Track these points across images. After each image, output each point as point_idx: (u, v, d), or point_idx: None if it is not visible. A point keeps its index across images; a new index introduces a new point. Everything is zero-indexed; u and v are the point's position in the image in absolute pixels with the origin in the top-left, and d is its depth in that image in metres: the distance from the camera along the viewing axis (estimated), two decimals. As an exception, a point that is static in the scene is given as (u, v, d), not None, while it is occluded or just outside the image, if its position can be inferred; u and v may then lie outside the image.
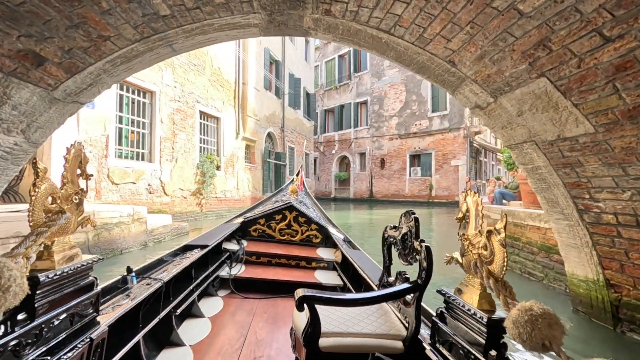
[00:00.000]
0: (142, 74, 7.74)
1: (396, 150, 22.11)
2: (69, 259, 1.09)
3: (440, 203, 19.42)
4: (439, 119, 20.20)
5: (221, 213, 10.97)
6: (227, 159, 11.38)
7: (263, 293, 2.62)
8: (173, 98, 8.81)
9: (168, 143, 8.62)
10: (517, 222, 4.12)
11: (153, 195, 8.05)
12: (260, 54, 13.73)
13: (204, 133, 10.45)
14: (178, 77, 8.99)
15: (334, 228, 3.55)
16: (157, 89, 8.21)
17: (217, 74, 10.78)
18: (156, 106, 8.20)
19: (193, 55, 9.64)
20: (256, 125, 13.48)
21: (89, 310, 1.17)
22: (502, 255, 0.97)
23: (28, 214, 0.96)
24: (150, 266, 1.99)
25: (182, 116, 9.16)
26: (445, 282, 3.47)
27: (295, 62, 18.19)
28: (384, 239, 1.62)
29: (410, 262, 1.38)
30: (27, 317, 0.91)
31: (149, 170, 7.95)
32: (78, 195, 1.14)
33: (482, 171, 22.71)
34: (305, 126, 19.91)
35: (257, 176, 13.60)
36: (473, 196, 1.18)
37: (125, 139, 7.57)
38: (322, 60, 27.43)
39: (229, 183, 11.41)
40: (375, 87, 23.50)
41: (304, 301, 1.14)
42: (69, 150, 1.12)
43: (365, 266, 2.27)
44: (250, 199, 12.89)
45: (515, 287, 1.00)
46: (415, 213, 1.40)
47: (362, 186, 23.96)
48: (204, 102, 10.11)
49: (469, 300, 1.08)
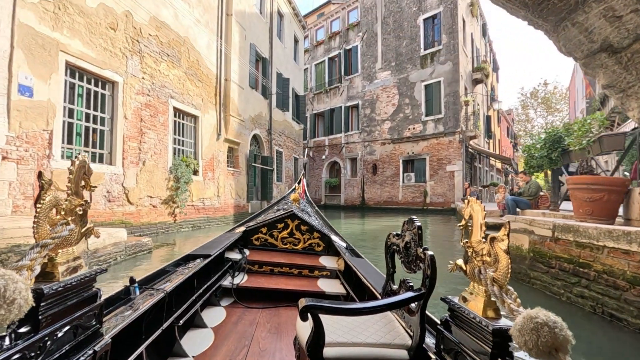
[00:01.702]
0: (100, 60, 6.56)
1: (389, 156, 21.28)
2: (72, 270, 1.08)
3: (436, 210, 18.58)
4: (433, 123, 19.45)
5: (199, 224, 9.72)
6: (207, 162, 10.17)
7: (266, 302, 2.61)
8: (141, 91, 7.61)
9: (134, 143, 7.39)
10: (584, 242, 3.05)
11: (113, 203, 6.80)
12: (245, 49, 12.63)
13: (179, 133, 9.23)
14: (147, 67, 7.81)
15: (337, 236, 3.44)
16: (120, 79, 7.01)
17: (194, 67, 9.62)
18: (119, 99, 6.99)
19: (166, 44, 8.47)
20: (240, 126, 12.32)
21: (92, 322, 1.14)
22: (506, 263, 0.95)
23: (33, 226, 0.97)
24: (153, 276, 1.93)
25: (152, 112, 7.96)
26: (441, 289, 3.03)
27: (283, 62, 17.16)
28: (387, 247, 1.58)
29: (414, 270, 1.35)
30: (30, 330, 0.90)
31: (109, 174, 6.71)
32: (82, 207, 1.13)
33: (477, 177, 22.03)
34: (294, 129, 18.82)
35: (242, 182, 12.39)
36: (476, 204, 1.14)
37: (78, 136, 6.33)
38: (312, 63, 26.67)
39: (209, 189, 10.18)
40: (366, 90, 22.75)
41: (307, 311, 1.09)
42: (73, 162, 1.11)
43: (369, 274, 2.18)
44: (233, 207, 11.67)
45: (589, 332, 0.49)
46: (419, 221, 1.35)
47: (353, 193, 23.00)
48: (179, 98, 8.92)
49: (474, 308, 1.05)
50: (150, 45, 7.90)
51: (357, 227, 11.76)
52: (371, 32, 22.78)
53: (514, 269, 3.92)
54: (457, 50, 18.61)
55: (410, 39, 20.70)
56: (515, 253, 3.83)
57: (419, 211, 19.06)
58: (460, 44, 18.82)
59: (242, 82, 12.27)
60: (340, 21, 24.95)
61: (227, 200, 11.25)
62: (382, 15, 22.25)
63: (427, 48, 19.96)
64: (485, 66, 21.97)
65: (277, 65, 16.17)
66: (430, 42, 19.91)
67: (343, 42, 24.54)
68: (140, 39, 7.61)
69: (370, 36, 22.85)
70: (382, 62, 22.11)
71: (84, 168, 1.17)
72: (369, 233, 9.95)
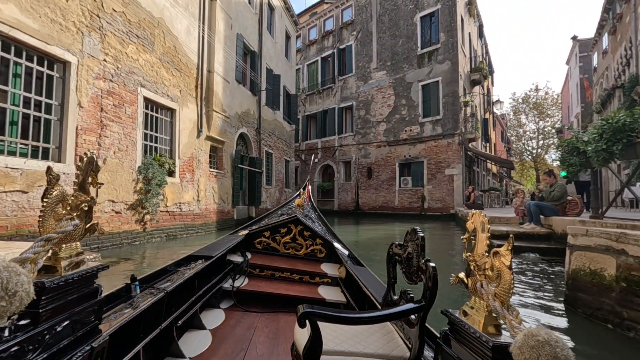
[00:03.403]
0: (45, 34, 5.35)
1: (384, 159, 20.31)
2: (75, 265, 1.08)
3: (434, 216, 17.64)
4: (431, 125, 18.56)
5: (174, 232, 8.47)
6: (185, 162, 8.95)
7: (265, 307, 2.58)
8: (101, 75, 6.40)
9: (91, 136, 6.16)
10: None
11: (61, 209, 5.56)
12: (231, 40, 11.50)
13: (151, 127, 8.01)
14: (110, 48, 6.60)
15: (339, 243, 3.36)
16: (73, 59, 5.80)
17: (171, 54, 8.43)
18: (71, 83, 5.77)
19: (135, 24, 7.28)
20: (225, 123, 11.14)
21: (91, 318, 1.15)
22: (509, 278, 0.94)
23: (39, 220, 0.99)
24: (154, 275, 1.91)
25: (117, 102, 6.74)
26: (440, 301, 2.01)
27: (274, 58, 16.06)
28: (389, 257, 1.56)
29: (415, 281, 1.33)
30: (30, 323, 0.90)
31: (56, 173, 5.48)
32: (87, 203, 1.13)
33: (476, 181, 21.16)
34: (285, 130, 17.68)
35: (226, 185, 11.17)
36: (479, 216, 1.12)
37: (13, 125, 5.09)
38: (304, 63, 25.71)
39: (187, 193, 8.95)
40: (361, 91, 21.83)
41: (305, 317, 1.06)
42: (82, 158, 1.13)
43: (370, 284, 2.11)
44: (216, 213, 10.44)
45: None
46: (422, 231, 1.34)
47: (347, 197, 21.93)
48: (151, 87, 7.71)
49: (475, 323, 1.03)
50: (114, 22, 6.71)
51: (351, 236, 10.61)
52: (366, 31, 21.90)
53: (591, 302, 2.81)
54: (456, 49, 17.79)
55: (407, 37, 19.86)
56: (591, 281, 2.74)
57: (417, 217, 18.10)
58: (459, 43, 18.01)
59: (227, 75, 11.11)
60: (334, 20, 24.03)
61: (208, 205, 10.01)
62: (377, 13, 21.39)
63: (424, 47, 19.13)
64: (484, 67, 21.22)
65: (267, 60, 15.06)
66: (428, 41, 19.09)
67: (337, 41, 23.61)
68: (101, 13, 6.42)
69: (364, 35, 21.96)
70: (377, 61, 21.22)
71: (92, 164, 1.16)
72: (363, 244, 8.81)
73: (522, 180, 48.71)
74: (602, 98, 18.43)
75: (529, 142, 41.66)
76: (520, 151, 43.06)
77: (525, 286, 4.29)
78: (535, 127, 40.38)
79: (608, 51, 19.43)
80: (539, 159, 41.58)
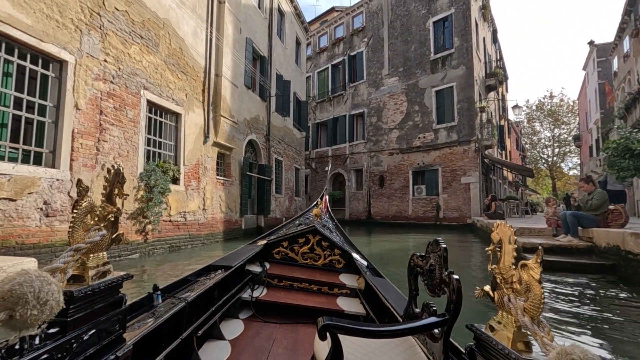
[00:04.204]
0: (40, 31, 5.00)
1: (397, 166, 19.70)
2: (101, 275, 1.10)
3: (450, 226, 16.90)
4: (445, 131, 17.93)
5: (178, 243, 8.01)
6: (190, 169, 8.53)
7: (284, 318, 2.54)
8: (101, 76, 6.03)
9: (89, 141, 5.77)
10: None
11: (53, 219, 5.12)
12: (240, 44, 11.18)
13: (154, 132, 7.62)
14: (111, 48, 6.25)
15: (358, 254, 3.27)
16: (70, 58, 5.44)
17: (177, 56, 8.08)
18: (68, 83, 5.40)
19: (139, 24, 6.95)
20: (233, 129, 10.74)
21: (116, 327, 1.15)
22: (539, 293, 0.89)
23: (69, 230, 1.02)
24: (175, 285, 1.93)
25: (117, 104, 6.36)
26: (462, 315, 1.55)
27: (284, 64, 15.74)
28: (411, 268, 1.51)
29: (437, 294, 1.27)
30: (59, 331, 0.91)
31: (48, 179, 5.06)
32: (114, 214, 1.15)
33: (492, 190, 20.33)
34: (295, 137, 17.26)
35: (234, 193, 10.72)
36: (505, 227, 1.07)
37: (2, 128, 4.70)
38: (314, 70, 25.46)
39: (192, 201, 8.51)
40: (372, 98, 21.38)
41: (326, 330, 1.03)
42: (109, 170, 1.17)
43: (390, 295, 2.05)
44: (223, 223, 9.97)
45: None
46: (444, 243, 1.30)
47: (358, 206, 21.32)
48: (154, 90, 7.34)
49: (503, 339, 0.98)
50: (116, 21, 6.38)
51: (362, 249, 10.00)
52: (377, 37, 21.54)
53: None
54: (471, 54, 17.23)
55: (419, 43, 19.41)
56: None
57: (431, 227, 17.39)
58: (474, 47, 17.46)
59: (236, 79, 10.75)
60: (345, 27, 23.78)
61: (215, 214, 9.55)
62: (389, 19, 21.04)
63: (437, 52, 18.63)
64: (499, 71, 20.59)
65: (277, 66, 14.73)
66: (441, 46, 18.59)
67: (347, 48, 23.31)
68: (102, 12, 6.09)
69: (376, 41, 21.60)
70: (389, 67, 20.78)
71: (119, 176, 1.19)
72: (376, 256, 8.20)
73: (538, 189, 47.39)
74: (627, 102, 17.57)
75: (544, 150, 40.67)
76: (535, 159, 41.98)
77: (587, 321, 3.54)
78: (551, 135, 39.40)
79: (630, 54, 18.64)
80: (555, 168, 40.40)
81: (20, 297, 0.69)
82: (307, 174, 22.94)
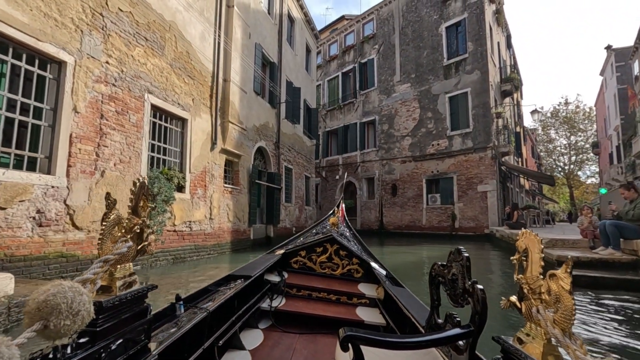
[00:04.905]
0: (37, 29, 4.73)
1: (410, 175, 19.13)
2: (128, 285, 1.11)
3: (466, 236, 16.20)
4: (460, 138, 17.34)
5: (183, 254, 7.61)
6: (196, 176, 8.18)
7: (303, 328, 2.50)
8: (102, 78, 5.75)
9: (88, 146, 5.45)
10: None
11: (47, 228, 4.77)
12: (249, 49, 10.92)
13: (159, 138, 7.30)
14: (114, 50, 5.98)
15: (376, 263, 3.20)
16: (69, 59, 5.16)
17: (183, 59, 7.81)
18: (66, 85, 5.11)
19: (144, 26, 6.69)
20: (242, 136, 10.41)
21: (142, 337, 1.16)
22: (570, 304, 0.84)
23: (98, 242, 1.04)
24: (197, 295, 1.94)
25: (120, 108, 6.06)
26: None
27: (294, 70, 15.49)
28: (432, 277, 1.46)
29: (461, 304, 1.22)
30: (88, 341, 0.93)
31: (43, 186, 4.72)
32: (140, 226, 1.17)
33: (510, 199, 19.54)
34: (305, 145, 16.90)
35: (242, 202, 10.33)
36: (531, 236, 1.01)
37: (-7, 131, 4.40)
38: (325, 79, 25.24)
39: (198, 210, 8.13)
40: (384, 105, 20.96)
41: (348, 341, 0.99)
42: (134, 183, 1.19)
43: (411, 305, 2.01)
44: (230, 233, 9.56)
45: None
46: (466, 251, 1.25)
47: (370, 216, 20.74)
48: (159, 94, 7.05)
49: (532, 352, 0.94)
50: (120, 22, 6.12)
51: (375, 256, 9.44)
52: (388, 44, 21.23)
53: None
54: (486, 58, 16.72)
55: (432, 48, 19.00)
56: None
57: (447, 237, 16.72)
58: (489, 52, 16.96)
59: (245, 84, 10.46)
60: (355, 34, 23.56)
61: (222, 224, 9.16)
62: (400, 25, 20.74)
63: (450, 57, 18.19)
64: (515, 76, 20.02)
65: (287, 72, 14.47)
66: (454, 51, 18.14)
67: (358, 55, 23.04)
68: (105, 12, 5.84)
69: (387, 48, 21.28)
70: (400, 74, 20.39)
71: (144, 189, 1.22)
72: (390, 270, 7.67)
73: (554, 198, 46.02)
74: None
75: (560, 158, 39.57)
76: (551, 167, 40.83)
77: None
78: (567, 142, 38.33)
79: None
80: (572, 176, 39.19)
81: (54, 307, 0.70)
82: (317, 182, 22.51)
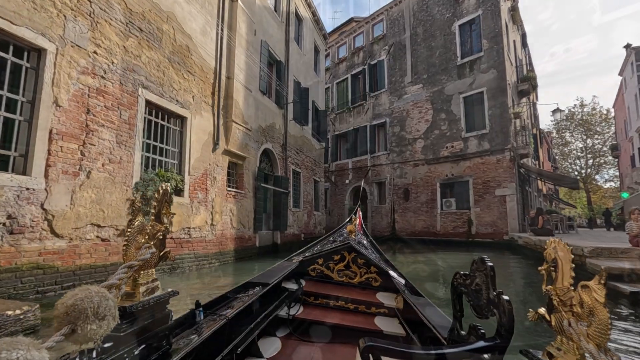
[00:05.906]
0: (11, 12, 4.20)
1: (423, 179, 18.34)
2: (150, 291, 1.13)
3: (484, 243, 15.32)
4: (476, 140, 16.53)
5: (182, 264, 6.99)
6: (197, 179, 7.59)
7: (321, 337, 2.47)
8: (89, 70, 5.21)
9: (71, 144, 4.89)
10: None
11: (20, 236, 4.19)
12: (254, 46, 10.39)
13: (155, 137, 6.74)
14: (103, 39, 5.45)
15: (395, 272, 3.12)
16: (50, 47, 4.63)
17: (183, 54, 7.28)
18: (46, 75, 4.57)
19: (139, 15, 6.17)
20: (247, 137, 9.83)
21: (163, 343, 1.18)
22: (605, 317, 0.78)
23: (123, 248, 1.07)
24: (216, 302, 1.94)
25: (109, 103, 5.51)
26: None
27: (302, 70, 14.94)
28: (454, 288, 1.42)
29: (485, 315, 1.19)
30: (113, 346, 0.93)
31: (16, 188, 4.15)
32: (162, 232, 1.18)
33: (529, 204, 18.57)
34: (314, 147, 16.28)
35: (247, 207, 9.71)
36: (561, 245, 0.94)
37: (-44, 124, 3.87)
38: (333, 81, 24.69)
39: (198, 216, 7.53)
40: (395, 107, 20.27)
41: (369, 351, 1.01)
42: (158, 191, 1.20)
43: (431, 316, 1.93)
44: (234, 240, 8.93)
45: None
46: (490, 260, 1.20)
47: (382, 222, 19.95)
48: (155, 89, 6.50)
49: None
50: (110, 10, 5.60)
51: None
52: (398, 45, 20.59)
53: None
54: (502, 56, 15.94)
55: (444, 48, 18.30)
56: None
57: (463, 244, 15.84)
58: (505, 49, 16.17)
59: (249, 83, 9.91)
60: (364, 36, 23.00)
61: (225, 230, 8.53)
62: (411, 25, 20.10)
63: (464, 56, 17.45)
64: (533, 75, 19.16)
65: (295, 72, 13.91)
66: (469, 50, 17.39)
67: (367, 57, 22.45)
68: (93, -3, 5.33)
69: (397, 49, 20.64)
70: (412, 75, 19.71)
71: (167, 196, 1.23)
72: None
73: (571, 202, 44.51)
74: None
75: (576, 162, 38.25)
76: (567, 171, 39.50)
77: None
78: (583, 145, 37.02)
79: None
80: (589, 180, 37.79)
81: (82, 312, 0.71)
82: (326, 187, 21.85)
